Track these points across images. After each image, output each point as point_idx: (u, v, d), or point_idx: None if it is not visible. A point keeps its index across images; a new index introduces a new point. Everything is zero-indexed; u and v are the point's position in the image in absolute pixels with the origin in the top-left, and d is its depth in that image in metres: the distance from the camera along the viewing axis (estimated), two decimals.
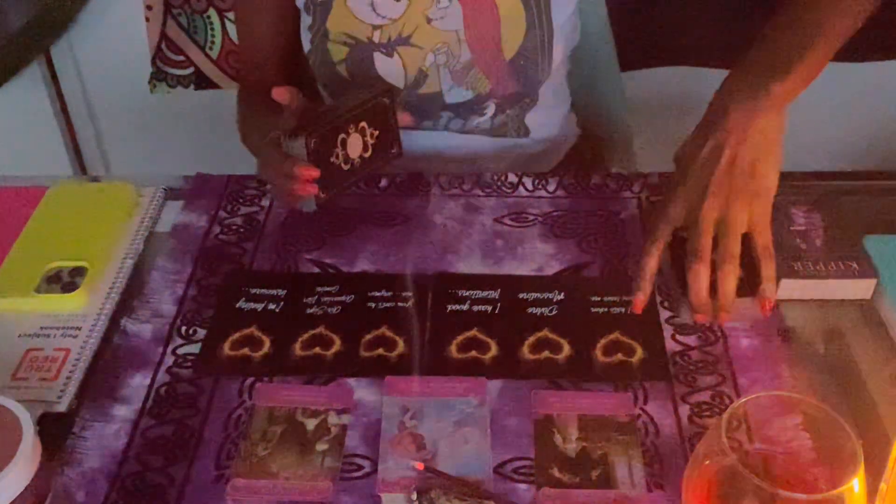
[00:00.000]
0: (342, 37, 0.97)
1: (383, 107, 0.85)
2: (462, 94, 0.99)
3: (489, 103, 1.00)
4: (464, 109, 1.00)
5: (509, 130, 1.04)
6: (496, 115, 1.01)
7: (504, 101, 1.00)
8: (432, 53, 0.96)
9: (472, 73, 0.97)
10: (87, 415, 0.71)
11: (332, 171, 0.82)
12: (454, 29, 0.95)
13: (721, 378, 0.72)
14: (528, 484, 0.65)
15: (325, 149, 0.81)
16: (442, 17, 0.95)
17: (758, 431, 0.59)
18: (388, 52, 0.96)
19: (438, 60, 0.96)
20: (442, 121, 1.02)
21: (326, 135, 0.80)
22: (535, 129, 1.06)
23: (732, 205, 0.73)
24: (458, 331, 0.76)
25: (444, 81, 0.98)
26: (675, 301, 0.78)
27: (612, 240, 0.86)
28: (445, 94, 0.99)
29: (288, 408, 0.70)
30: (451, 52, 0.96)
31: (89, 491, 0.65)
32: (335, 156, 0.82)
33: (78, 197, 0.94)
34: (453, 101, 0.99)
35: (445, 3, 0.94)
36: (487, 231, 0.88)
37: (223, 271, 0.84)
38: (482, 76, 0.97)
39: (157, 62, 1.61)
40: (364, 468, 0.66)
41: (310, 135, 0.79)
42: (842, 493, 0.51)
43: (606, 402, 0.70)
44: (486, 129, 1.03)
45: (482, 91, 0.98)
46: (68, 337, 0.78)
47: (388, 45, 0.96)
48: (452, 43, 0.96)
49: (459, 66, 0.97)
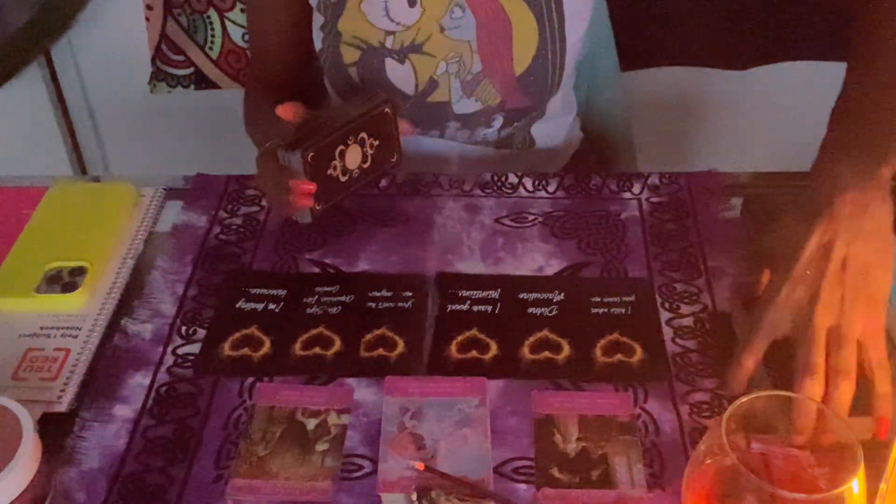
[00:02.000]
0: (354, 40, 0.96)
1: (384, 117, 0.84)
2: (471, 105, 0.98)
3: (497, 116, 1.00)
4: (471, 120, 1.00)
5: (515, 142, 1.04)
6: (503, 127, 1.01)
7: (512, 114, 1.00)
8: (444, 62, 0.96)
9: (483, 85, 0.97)
10: (87, 415, 0.71)
11: (329, 183, 0.81)
12: (467, 39, 0.95)
13: (721, 380, 0.71)
14: (528, 484, 0.65)
15: (323, 162, 0.80)
16: (456, 27, 0.95)
17: (758, 431, 0.59)
18: (400, 58, 0.96)
19: (450, 70, 0.96)
20: (449, 130, 1.02)
21: (324, 148, 0.79)
22: (541, 139, 1.06)
23: (848, 312, 0.65)
24: (458, 331, 0.76)
25: (453, 91, 0.98)
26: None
27: (612, 240, 0.86)
28: (454, 104, 0.98)
29: (288, 408, 0.70)
30: (462, 63, 0.96)
31: (89, 491, 0.65)
32: (333, 168, 0.81)
33: (78, 197, 0.94)
34: (462, 111, 0.99)
35: (459, 13, 0.94)
36: (487, 231, 0.88)
37: (223, 271, 0.84)
38: (492, 88, 0.97)
39: (157, 62, 1.61)
40: (364, 468, 0.66)
41: (307, 149, 0.77)
42: (842, 493, 0.51)
43: (606, 402, 0.70)
44: (492, 141, 1.03)
45: (491, 103, 0.98)
46: (68, 337, 0.78)
47: (401, 51, 0.96)
48: (464, 53, 0.95)
49: (470, 77, 0.96)
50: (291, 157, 0.77)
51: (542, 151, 1.07)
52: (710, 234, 0.86)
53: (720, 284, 0.80)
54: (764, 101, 1.63)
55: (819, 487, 0.57)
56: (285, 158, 0.78)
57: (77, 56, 1.69)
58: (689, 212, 0.89)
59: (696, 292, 0.80)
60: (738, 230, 0.86)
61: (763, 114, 1.65)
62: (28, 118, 1.74)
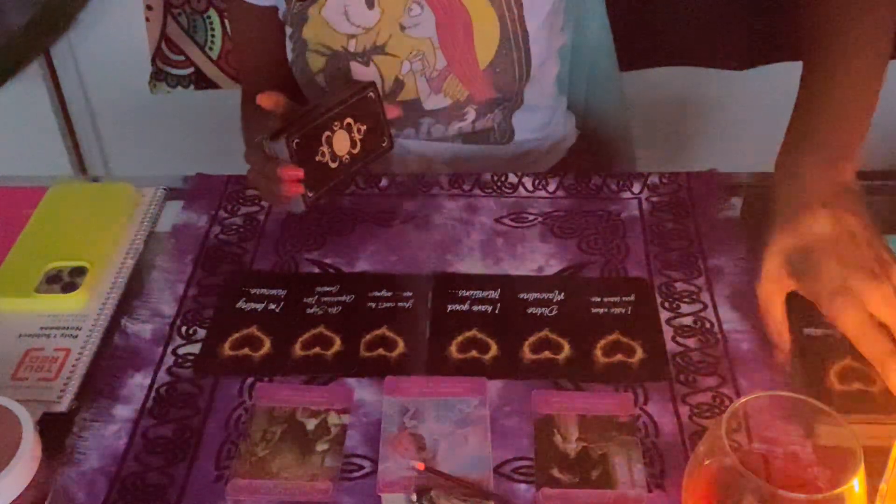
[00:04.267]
0: (319, 47, 0.96)
1: (369, 101, 0.85)
2: (440, 101, 0.98)
3: (468, 109, 1.00)
4: (443, 116, 1.00)
5: (493, 134, 1.04)
6: (477, 119, 1.01)
7: (483, 107, 1.00)
8: (408, 62, 0.96)
9: (449, 80, 0.97)
10: (87, 415, 0.71)
11: (319, 169, 0.81)
12: (428, 36, 0.95)
13: (721, 379, 0.72)
14: (528, 484, 0.65)
15: (310, 148, 0.80)
16: (415, 25, 0.94)
17: (758, 431, 0.59)
18: (364, 61, 0.96)
19: (414, 68, 0.96)
20: (423, 127, 1.02)
21: (309, 134, 0.80)
22: (524, 129, 1.05)
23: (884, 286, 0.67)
24: (458, 331, 0.76)
25: (421, 89, 0.97)
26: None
27: (612, 240, 0.86)
28: (424, 102, 0.98)
29: (288, 408, 0.70)
30: (426, 60, 0.96)
31: (89, 491, 0.65)
32: (321, 154, 0.81)
33: (78, 197, 0.94)
34: (432, 107, 0.99)
35: (418, 10, 0.94)
36: (487, 231, 0.88)
37: (223, 271, 0.84)
38: (458, 83, 0.97)
39: (157, 62, 1.61)
40: (364, 468, 0.66)
41: (291, 135, 0.78)
42: (842, 493, 0.51)
43: (606, 402, 0.70)
44: (469, 133, 1.03)
45: (460, 98, 0.98)
46: (68, 337, 0.78)
47: (364, 54, 0.96)
48: (427, 50, 0.95)
49: (435, 74, 0.96)
50: (276, 146, 0.78)
51: (525, 144, 1.06)
52: (710, 233, 0.86)
53: (720, 284, 0.80)
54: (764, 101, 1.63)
55: (819, 487, 0.57)
56: (271, 148, 0.78)
57: (77, 56, 1.69)
58: (689, 212, 0.89)
59: (695, 292, 0.80)
60: (738, 230, 0.86)
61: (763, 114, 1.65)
62: (28, 118, 1.74)
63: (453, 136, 1.03)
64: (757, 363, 0.73)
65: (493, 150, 1.05)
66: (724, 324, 0.76)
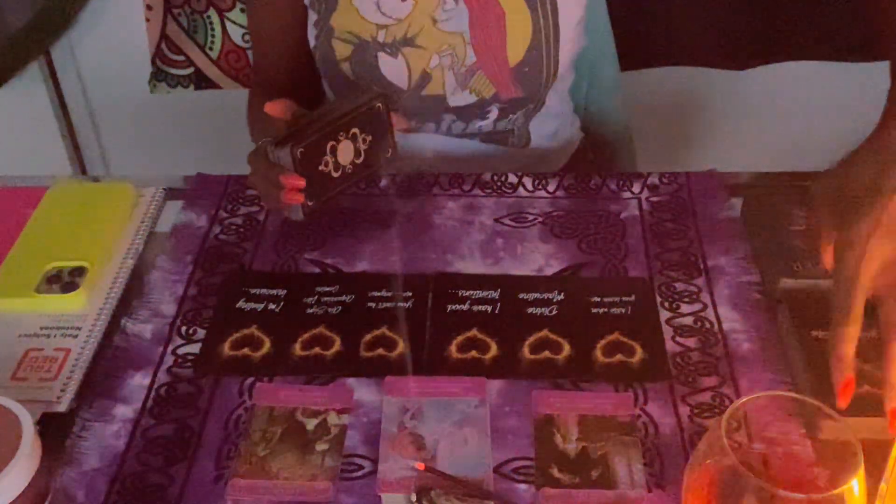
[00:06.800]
0: (346, 35, 0.96)
1: (376, 112, 0.84)
2: (465, 98, 0.98)
3: (492, 108, 1.00)
4: (466, 113, 1.00)
5: (511, 137, 1.04)
6: (499, 119, 1.01)
7: (507, 106, 1.00)
8: (437, 55, 0.96)
9: (477, 77, 0.97)
10: (87, 415, 0.71)
11: (320, 179, 0.80)
12: (460, 31, 0.95)
13: (721, 379, 0.72)
14: (528, 484, 0.65)
15: (313, 157, 0.79)
16: (448, 19, 0.94)
17: (758, 431, 0.59)
18: (393, 52, 0.96)
19: (443, 63, 0.96)
20: (444, 123, 1.02)
21: (314, 143, 0.79)
22: (540, 134, 1.05)
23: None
24: (458, 331, 0.76)
25: (447, 84, 0.97)
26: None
27: (612, 240, 0.86)
28: (449, 97, 0.98)
29: (288, 408, 0.70)
30: (455, 55, 0.96)
31: (89, 491, 0.65)
32: (324, 164, 0.81)
33: (78, 197, 0.94)
34: (456, 104, 0.99)
35: (452, 4, 0.94)
36: (487, 231, 0.88)
37: (223, 271, 0.84)
38: (486, 80, 0.97)
39: (157, 62, 1.61)
40: (364, 468, 0.66)
41: (295, 144, 0.77)
42: (842, 493, 0.51)
43: (606, 402, 0.70)
44: (488, 133, 1.03)
45: (486, 95, 0.98)
46: (68, 337, 0.78)
47: (393, 45, 0.96)
48: (458, 46, 0.95)
49: (464, 70, 0.96)
50: (281, 154, 0.77)
51: (539, 150, 1.07)
52: (709, 233, 0.86)
53: (720, 284, 0.80)
54: (764, 101, 1.63)
55: (819, 487, 0.57)
56: (275, 155, 0.78)
57: (77, 56, 1.69)
58: (688, 211, 0.89)
59: (695, 292, 0.80)
60: (738, 230, 0.86)
61: (763, 114, 1.65)
62: (28, 118, 1.74)
63: (472, 134, 1.03)
64: (757, 363, 0.73)
65: (509, 153, 1.05)
66: (724, 324, 0.76)
